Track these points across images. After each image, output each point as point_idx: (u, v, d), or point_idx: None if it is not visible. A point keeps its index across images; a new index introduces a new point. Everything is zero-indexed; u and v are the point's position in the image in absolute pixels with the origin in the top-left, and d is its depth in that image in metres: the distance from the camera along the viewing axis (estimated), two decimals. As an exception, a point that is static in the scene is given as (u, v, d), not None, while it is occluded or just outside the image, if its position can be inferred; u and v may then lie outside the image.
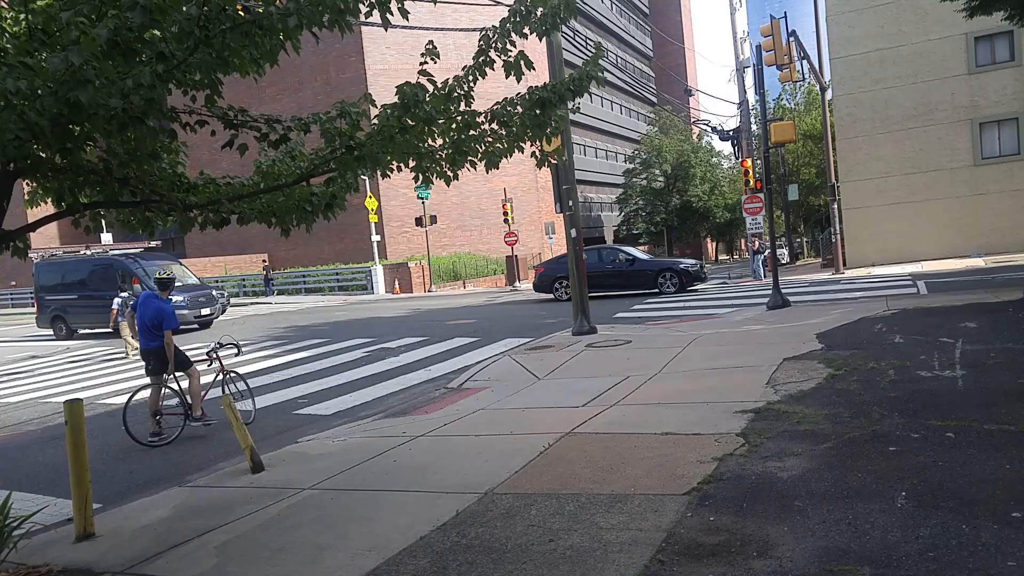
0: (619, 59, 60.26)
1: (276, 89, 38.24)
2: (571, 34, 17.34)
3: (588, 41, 12.17)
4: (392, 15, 4.13)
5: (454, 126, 4.61)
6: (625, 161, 58.76)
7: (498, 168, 4.79)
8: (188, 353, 8.32)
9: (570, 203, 12.73)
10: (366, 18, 4.25)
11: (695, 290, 21.09)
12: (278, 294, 37.30)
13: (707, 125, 35.08)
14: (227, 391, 8.10)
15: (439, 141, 4.69)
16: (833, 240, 25.46)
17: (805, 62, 25.55)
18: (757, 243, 29.10)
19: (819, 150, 34.20)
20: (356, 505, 4.90)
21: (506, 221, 33.80)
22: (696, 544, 3.58)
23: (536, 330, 14.21)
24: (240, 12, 3.72)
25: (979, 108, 24.77)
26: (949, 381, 6.35)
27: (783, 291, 14.30)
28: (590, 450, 5.45)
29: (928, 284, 16.39)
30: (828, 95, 27.44)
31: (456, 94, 4.48)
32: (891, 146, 25.62)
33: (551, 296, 22.21)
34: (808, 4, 27.54)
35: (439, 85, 4.44)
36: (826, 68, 26.89)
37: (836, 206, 25.91)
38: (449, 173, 4.78)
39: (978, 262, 20.68)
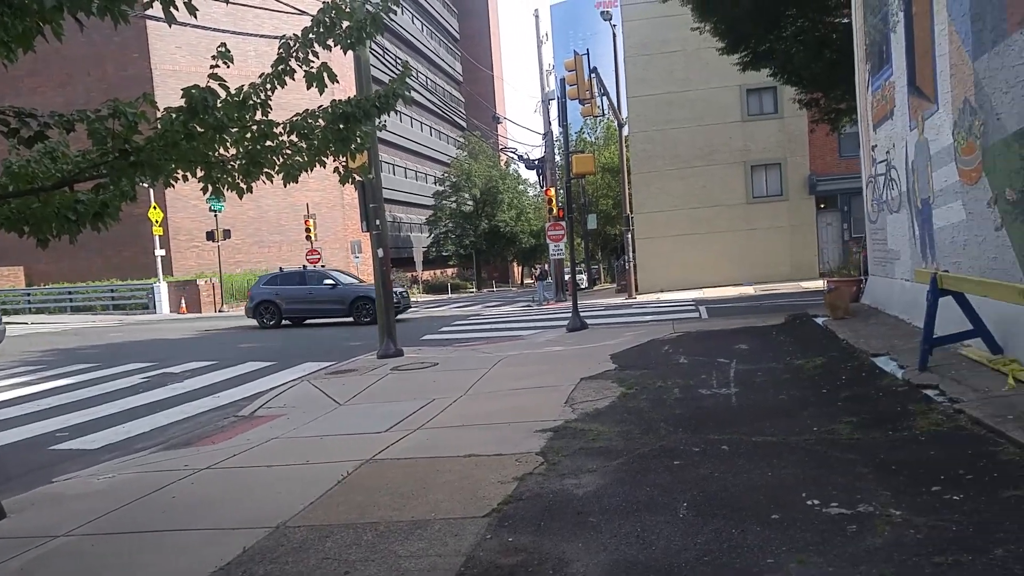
0: (430, 81, 60.92)
1: (37, 81, 33.94)
2: (380, 52, 17.22)
3: (398, 60, 12.14)
4: (177, 9, 3.69)
5: (249, 135, 4.29)
6: (435, 183, 59.26)
7: (297, 182, 4.54)
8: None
9: (377, 222, 12.53)
10: (145, 10, 3.79)
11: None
12: (36, 312, 32.98)
13: (514, 153, 36.44)
14: None
15: (232, 151, 4.34)
16: (627, 267, 27.36)
17: (605, 98, 27.37)
18: (540, 270, 30.89)
19: (616, 183, 36.66)
20: (124, 551, 4.33)
21: (308, 238, 32.64)
22: (495, 566, 3.57)
23: (339, 353, 13.76)
24: None
25: (751, 153, 28.05)
26: (725, 398, 6.96)
27: (582, 314, 15.07)
28: (391, 476, 5.31)
29: (709, 309, 18.10)
30: (625, 131, 29.56)
31: (252, 102, 4.18)
32: (679, 182, 28.16)
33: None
34: (610, 44, 29.55)
35: (233, 91, 4.12)
36: (624, 106, 29.00)
37: (630, 235, 27.91)
38: (243, 185, 4.43)
39: (749, 290, 23.21)
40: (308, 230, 32.62)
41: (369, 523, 4.34)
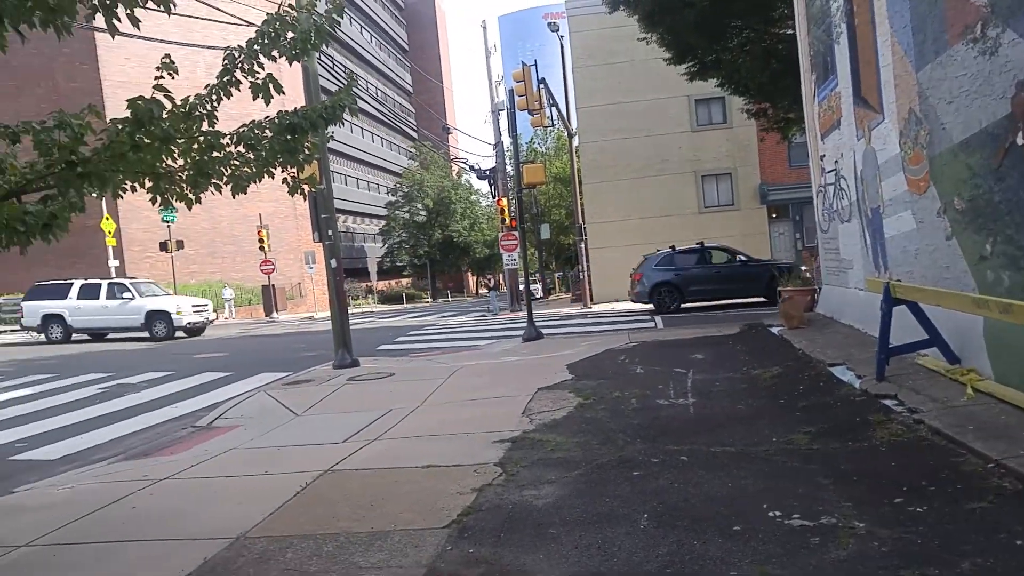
0: (380, 92, 60.59)
1: (-15, 92, 33.20)
2: (329, 63, 17.03)
3: (347, 71, 12.01)
4: (120, 21, 3.67)
5: (196, 147, 4.20)
6: (387, 193, 58.91)
7: (246, 193, 4.46)
8: None
9: (329, 232, 12.37)
10: (88, 22, 3.73)
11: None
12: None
13: (465, 163, 36.42)
14: None
15: (180, 161, 4.25)
16: (581, 277, 27.50)
17: (555, 109, 27.54)
18: (492, 280, 31.01)
19: (568, 192, 36.95)
20: (83, 562, 4.23)
21: (262, 248, 32.14)
22: (456, 578, 3.51)
23: (295, 364, 13.52)
24: None
25: (701, 162, 28.46)
26: (683, 408, 6.98)
27: (537, 324, 15.07)
28: (350, 487, 5.22)
29: (664, 319, 18.26)
30: (575, 141, 29.80)
31: (198, 113, 4.10)
32: (631, 192, 28.40)
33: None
34: (558, 54, 29.79)
35: (179, 102, 4.03)
36: (573, 116, 29.23)
37: (584, 245, 28.08)
38: (191, 196, 4.35)
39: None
40: (261, 241, 32.08)
41: (329, 534, 4.26)
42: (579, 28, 28.96)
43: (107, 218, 29.32)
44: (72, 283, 22.95)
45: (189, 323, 22.15)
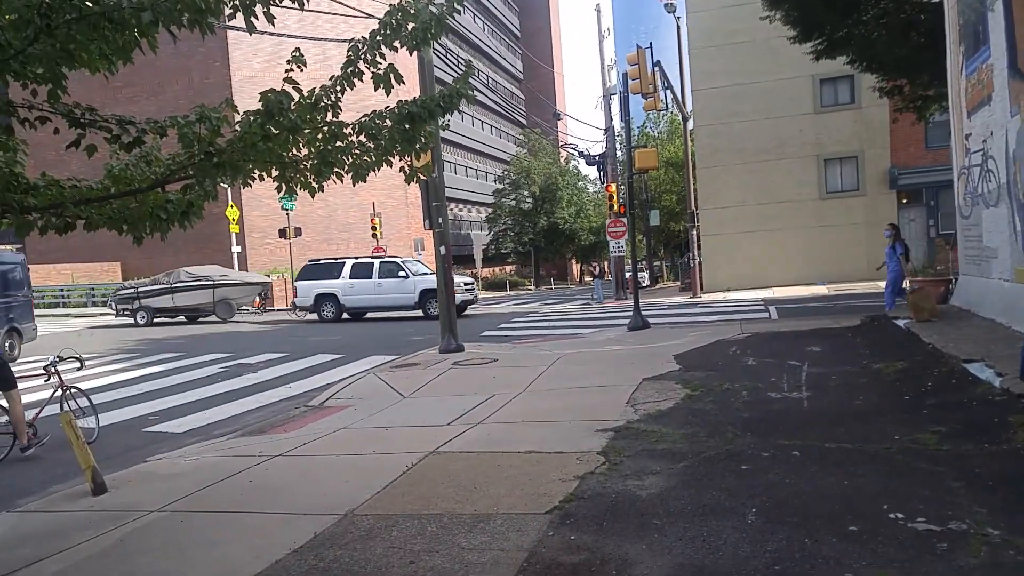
0: (490, 80, 61.18)
1: (133, 91, 35.87)
2: (443, 52, 17.36)
3: (460, 60, 12.21)
4: (257, 19, 3.94)
5: (320, 136, 4.41)
6: (495, 181, 59.48)
7: (366, 181, 4.64)
8: (24, 367, 7.50)
9: (439, 220, 12.67)
10: (229, 20, 4.01)
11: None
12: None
13: (574, 149, 36.20)
14: (67, 407, 7.37)
15: (304, 151, 4.48)
16: (691, 265, 26.83)
17: (669, 92, 26.93)
18: (597, 268, 30.67)
19: (680, 178, 36.07)
20: (207, 528, 4.57)
21: (374, 236, 33.23)
22: (557, 563, 3.56)
23: (403, 347, 13.97)
24: (88, 3, 3.41)
25: (824, 145, 27.01)
26: (796, 402, 6.75)
27: (643, 313, 14.87)
28: (454, 469, 5.36)
29: (779, 309, 17.59)
30: (690, 125, 29.02)
31: (323, 104, 4.30)
32: (747, 177, 27.37)
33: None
34: (673, 36, 29.06)
35: (305, 94, 4.25)
36: (688, 99, 28.46)
37: (695, 232, 27.39)
38: (314, 184, 4.57)
39: (822, 290, 22.43)
40: (374, 228, 33.19)
41: (433, 515, 4.39)
42: (697, 8, 28.09)
43: (232, 206, 31.23)
44: (344, 262, 23.09)
45: (461, 301, 21.36)
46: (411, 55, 4.71)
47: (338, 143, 4.42)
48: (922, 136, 25.71)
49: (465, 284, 22.45)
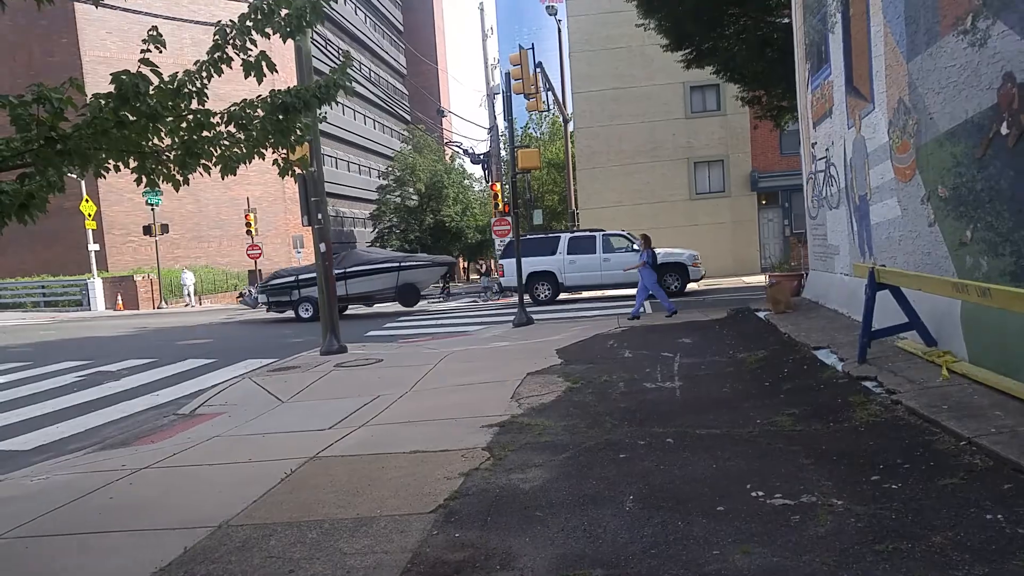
0: (373, 73, 60.12)
1: (-44, 65, 32.58)
2: (323, 42, 16.89)
3: (340, 51, 11.89)
4: None
5: (184, 125, 4.13)
6: (379, 177, 58.58)
7: (235, 175, 4.42)
8: None
9: (319, 216, 12.30)
10: (68, -8, 3.64)
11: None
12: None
13: (459, 147, 36.20)
14: None
15: (167, 141, 4.18)
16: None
17: (550, 93, 27.44)
18: (484, 266, 30.97)
19: (562, 178, 36.87)
20: (58, 554, 4.18)
21: (249, 232, 31.90)
22: (441, 562, 3.54)
23: (282, 350, 13.50)
24: None
25: (694, 149, 28.50)
26: (669, 392, 7.05)
27: (528, 310, 15.09)
28: (335, 474, 5.23)
29: (653, 304, 18.27)
30: (570, 127, 29.74)
31: (187, 90, 4.03)
32: (624, 178, 28.44)
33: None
34: (556, 39, 29.65)
35: (167, 79, 3.96)
36: (569, 101, 29.17)
37: (576, 229, 28.10)
38: (178, 177, 4.27)
39: (693, 285, 23.50)
40: (248, 225, 31.85)
41: (314, 521, 4.27)
42: (577, 12, 28.82)
43: (86, 200, 28.89)
44: (559, 236, 21.33)
45: (699, 275, 20.35)
46: (284, 43, 4.51)
47: (204, 133, 4.15)
48: (778, 143, 27.65)
49: (695, 257, 20.48)
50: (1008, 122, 5.36)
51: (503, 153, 31.97)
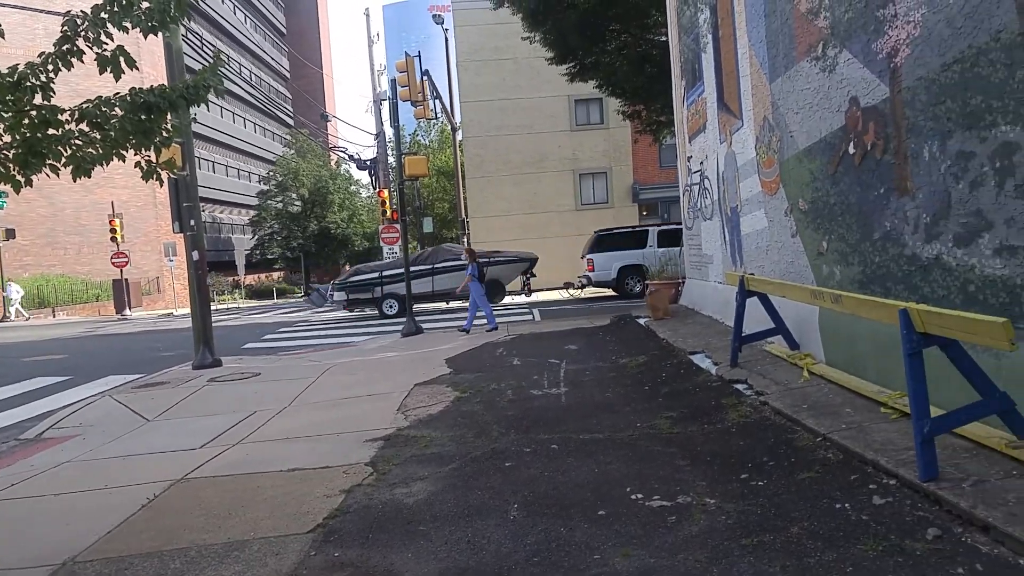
0: (254, 75, 58.03)
1: None
2: (198, 42, 16.09)
3: (214, 49, 11.34)
4: None
5: (27, 121, 3.77)
6: (260, 182, 56.50)
7: (90, 176, 4.06)
8: None
9: (191, 222, 11.67)
10: None
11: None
12: None
13: (345, 153, 35.46)
14: None
15: (7, 138, 3.80)
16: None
17: (438, 102, 27.38)
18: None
19: (452, 186, 36.85)
20: None
21: (114, 239, 29.86)
22: (319, 584, 3.41)
23: (150, 365, 12.67)
24: None
25: (579, 161, 29.25)
26: (555, 398, 7.13)
27: (417, 319, 14.92)
28: (205, 496, 4.92)
29: (542, 312, 18.58)
30: (459, 136, 29.80)
31: (29, 83, 3.67)
32: (512, 188, 28.79)
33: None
34: (444, 47, 29.63)
35: (5, 71, 3.60)
36: (457, 110, 29.20)
37: (467, 239, 28.12)
38: (19, 178, 3.88)
39: (579, 293, 24.07)
40: (114, 231, 29.82)
41: (177, 549, 3.98)
42: (464, 23, 28.94)
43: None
44: (647, 229, 20.54)
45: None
46: (145, 38, 4.20)
47: (51, 131, 3.80)
48: (658, 156, 28.84)
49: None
50: (855, 142, 5.81)
51: (391, 160, 31.58)
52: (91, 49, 3.85)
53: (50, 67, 3.74)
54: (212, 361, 11.41)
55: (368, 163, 30.60)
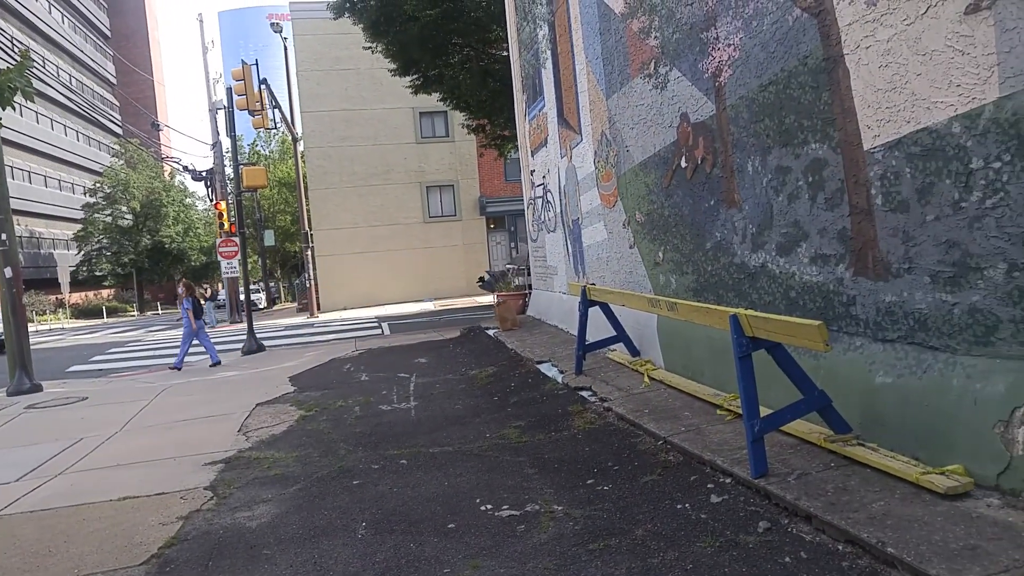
0: (74, 80, 53.41)
1: None
2: (7, 41, 14.53)
3: (23, 48, 10.33)
4: None
5: None
6: (85, 194, 51.93)
7: None
8: None
9: (2, 236, 10.56)
10: None
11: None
12: None
13: (179, 163, 33.41)
14: None
15: None
16: (308, 285, 26.63)
17: (278, 111, 26.41)
18: (209, 290, 29.15)
19: (294, 198, 35.63)
20: None
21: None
22: (150, 622, 3.19)
23: (-49, 395, 11.27)
24: None
25: (426, 173, 29.25)
26: (405, 412, 7.08)
27: (258, 336, 14.30)
28: (22, 534, 4.48)
29: (391, 325, 18.36)
30: (300, 146, 28.89)
31: None
32: (357, 200, 28.28)
33: None
34: (283, 55, 28.63)
35: None
36: (298, 120, 28.31)
37: (310, 252, 27.25)
38: None
39: (430, 306, 24.10)
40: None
41: (-18, 599, 3.59)
42: (304, 32, 28.19)
43: None
44: None
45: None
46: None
47: None
48: (503, 170, 29.49)
49: None
50: (686, 157, 6.24)
51: (228, 170, 30.09)
52: None
53: None
54: (31, 386, 10.46)
55: (204, 174, 28.99)
